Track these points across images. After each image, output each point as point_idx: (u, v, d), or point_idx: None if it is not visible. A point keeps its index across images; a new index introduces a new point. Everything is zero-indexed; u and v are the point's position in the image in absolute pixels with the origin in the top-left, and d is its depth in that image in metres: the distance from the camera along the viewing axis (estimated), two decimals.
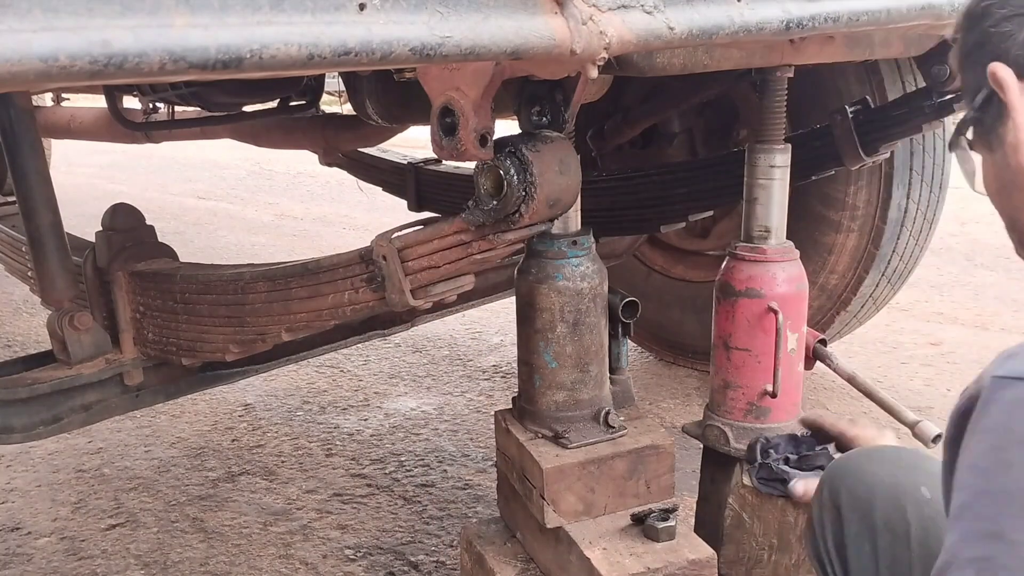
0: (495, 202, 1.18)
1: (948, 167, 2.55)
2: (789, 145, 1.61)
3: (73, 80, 0.68)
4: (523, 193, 1.15)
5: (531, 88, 1.25)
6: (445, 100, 1.08)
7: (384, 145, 3.02)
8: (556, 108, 1.25)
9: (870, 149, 1.92)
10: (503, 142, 1.17)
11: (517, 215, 1.17)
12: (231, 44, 0.73)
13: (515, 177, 1.14)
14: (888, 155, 2.17)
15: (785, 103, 1.62)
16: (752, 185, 1.61)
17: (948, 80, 1.69)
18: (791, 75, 1.60)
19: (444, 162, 2.95)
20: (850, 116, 1.91)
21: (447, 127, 1.10)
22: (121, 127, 2.77)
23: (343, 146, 2.80)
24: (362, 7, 0.80)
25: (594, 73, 0.98)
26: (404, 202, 3.12)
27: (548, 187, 1.16)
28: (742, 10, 1.08)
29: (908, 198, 2.45)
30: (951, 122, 2.39)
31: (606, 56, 0.96)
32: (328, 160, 3.14)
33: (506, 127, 1.30)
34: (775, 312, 1.55)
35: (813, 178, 2.07)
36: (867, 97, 1.98)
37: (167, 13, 0.70)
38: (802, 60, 1.50)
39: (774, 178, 1.60)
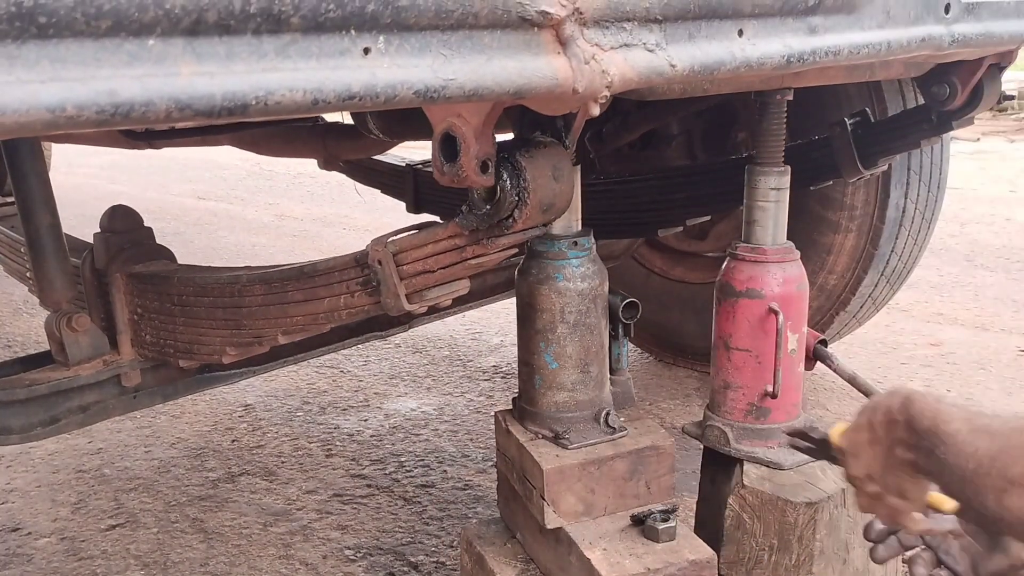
0: (488, 207, 1.18)
1: (946, 167, 2.55)
2: (788, 168, 1.61)
3: (80, 128, 0.68)
4: (516, 198, 1.15)
5: (532, 114, 1.25)
6: (447, 126, 1.08)
7: None
8: (557, 133, 1.25)
9: (868, 162, 1.92)
10: (498, 147, 1.17)
11: (510, 220, 1.17)
12: (237, 91, 0.74)
13: (508, 183, 1.14)
14: (886, 167, 2.19)
15: (784, 125, 1.62)
16: (752, 207, 1.61)
17: (948, 99, 1.69)
18: (791, 98, 1.61)
19: None
20: (849, 129, 1.91)
21: (448, 153, 1.10)
22: (122, 135, 2.76)
23: (343, 155, 2.80)
24: (366, 51, 0.81)
25: (596, 111, 0.98)
26: (403, 203, 3.12)
27: (541, 192, 1.16)
28: (743, 46, 1.08)
29: (906, 198, 2.46)
30: (950, 138, 2.41)
31: (608, 95, 0.96)
32: (328, 166, 3.13)
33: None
34: (776, 313, 1.55)
35: (811, 188, 2.08)
36: (866, 110, 1.99)
37: (174, 62, 0.71)
38: (802, 83, 1.51)
39: (774, 200, 1.60)
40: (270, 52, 0.75)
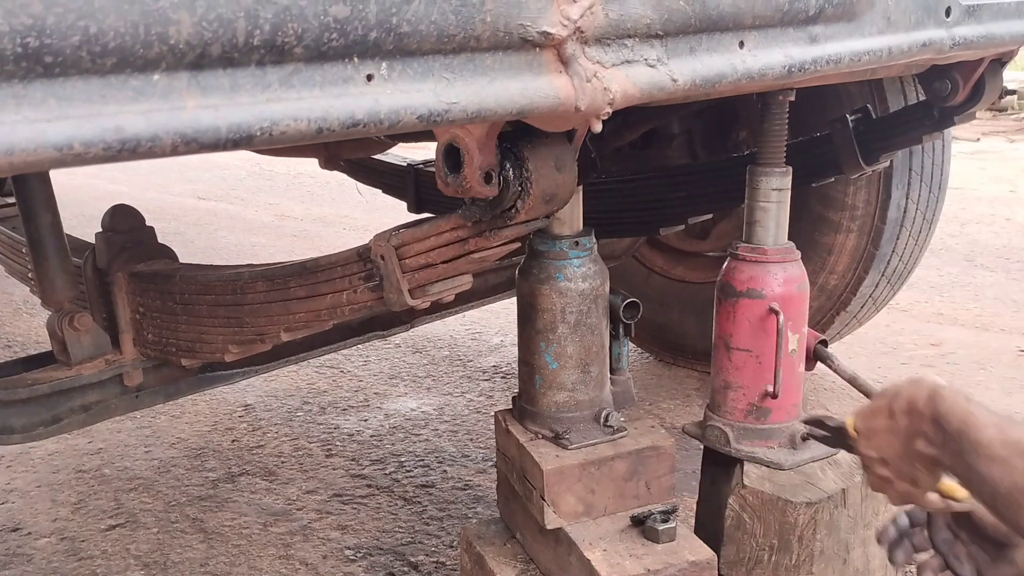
0: (491, 197, 1.18)
1: (947, 167, 2.55)
2: (790, 168, 1.61)
3: (87, 164, 0.69)
4: (519, 188, 1.15)
5: None
6: (450, 138, 1.09)
7: None
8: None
9: (870, 158, 1.92)
10: (500, 138, 1.17)
11: (513, 211, 1.17)
12: (242, 123, 0.74)
13: (511, 172, 1.15)
14: (888, 163, 2.19)
15: (786, 126, 1.62)
16: (753, 208, 1.61)
17: (949, 95, 1.69)
18: (792, 99, 1.61)
19: None
20: (851, 125, 1.91)
21: (452, 164, 1.11)
22: None
23: (344, 155, 2.81)
24: (370, 78, 0.81)
25: (598, 127, 0.99)
26: (404, 203, 3.12)
27: (544, 182, 1.16)
28: (744, 57, 1.09)
29: (907, 198, 2.46)
30: (951, 137, 2.41)
31: (610, 111, 0.96)
32: (329, 166, 3.13)
33: None
34: (776, 313, 1.55)
35: (813, 185, 2.08)
36: (868, 106, 1.99)
37: (179, 96, 0.71)
38: (803, 84, 1.52)
39: (775, 201, 1.60)
40: (274, 83, 0.76)
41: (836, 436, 1.43)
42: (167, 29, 0.68)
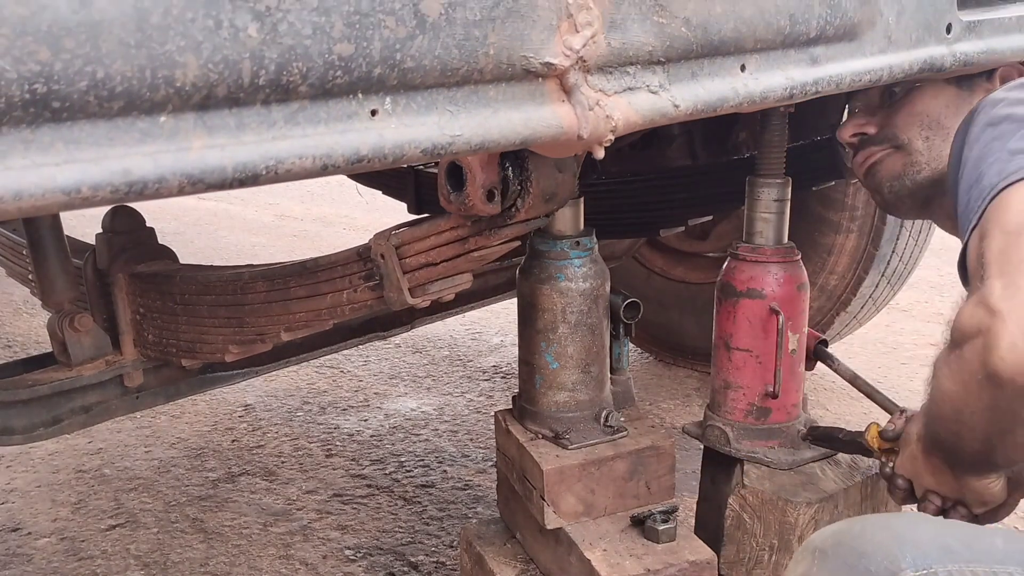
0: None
1: None
2: (789, 179, 1.61)
3: (95, 206, 0.69)
4: (519, 187, 1.15)
5: None
6: (453, 156, 1.09)
7: None
8: None
9: None
10: None
11: (513, 210, 1.17)
12: (247, 162, 0.74)
13: (511, 172, 1.15)
14: None
15: (786, 136, 1.62)
16: (753, 218, 1.61)
17: None
18: (792, 111, 1.61)
19: None
20: None
21: (455, 182, 1.11)
22: None
23: None
24: (374, 113, 0.81)
25: (600, 153, 0.99)
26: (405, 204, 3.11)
27: (544, 182, 1.16)
28: (746, 81, 1.09)
29: None
30: None
31: (612, 138, 0.97)
32: None
33: None
34: (776, 313, 1.55)
35: (813, 189, 2.08)
36: None
37: (185, 136, 0.71)
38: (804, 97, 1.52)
39: (776, 211, 1.60)
40: (279, 120, 0.76)
41: (851, 447, 1.47)
42: (173, 72, 0.69)
